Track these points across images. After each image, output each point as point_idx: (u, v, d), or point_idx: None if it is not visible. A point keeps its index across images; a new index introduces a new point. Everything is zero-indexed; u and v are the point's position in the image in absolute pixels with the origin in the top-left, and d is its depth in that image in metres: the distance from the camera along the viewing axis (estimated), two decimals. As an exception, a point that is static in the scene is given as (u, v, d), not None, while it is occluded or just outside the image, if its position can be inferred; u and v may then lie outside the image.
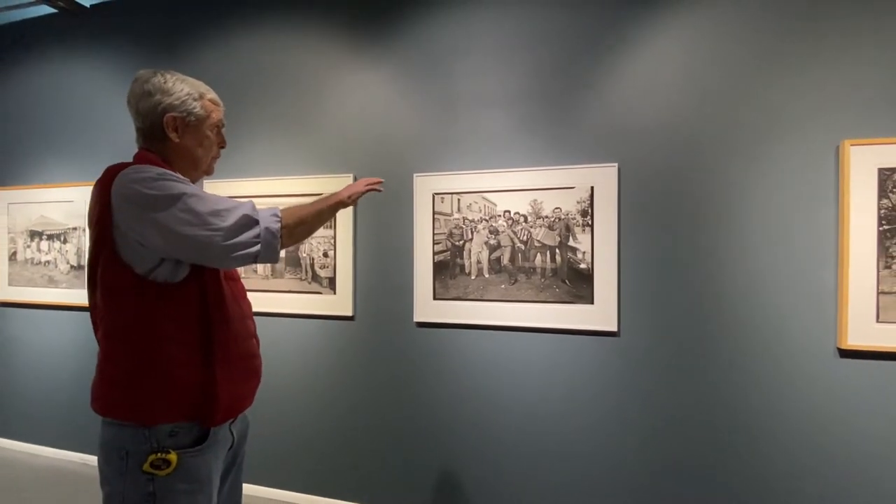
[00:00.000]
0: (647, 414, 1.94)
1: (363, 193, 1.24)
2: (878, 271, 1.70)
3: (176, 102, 1.09)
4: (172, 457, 0.99)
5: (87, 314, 2.82)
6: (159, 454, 0.98)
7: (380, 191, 1.28)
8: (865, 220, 1.71)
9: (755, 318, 1.82)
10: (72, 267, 2.85)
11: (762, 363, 1.82)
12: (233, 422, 1.17)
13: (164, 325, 1.02)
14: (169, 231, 0.97)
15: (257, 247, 1.03)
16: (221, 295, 1.09)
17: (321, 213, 1.15)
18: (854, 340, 1.72)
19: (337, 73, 2.38)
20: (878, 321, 1.70)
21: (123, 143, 2.76)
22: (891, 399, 1.70)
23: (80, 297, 2.82)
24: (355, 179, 2.32)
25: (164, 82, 1.09)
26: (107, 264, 1.01)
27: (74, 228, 2.83)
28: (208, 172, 1.21)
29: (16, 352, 3.03)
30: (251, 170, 2.51)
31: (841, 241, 1.73)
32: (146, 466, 0.98)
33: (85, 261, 2.81)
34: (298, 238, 1.15)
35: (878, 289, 1.70)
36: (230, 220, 1.00)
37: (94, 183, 1.06)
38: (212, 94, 1.16)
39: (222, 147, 1.21)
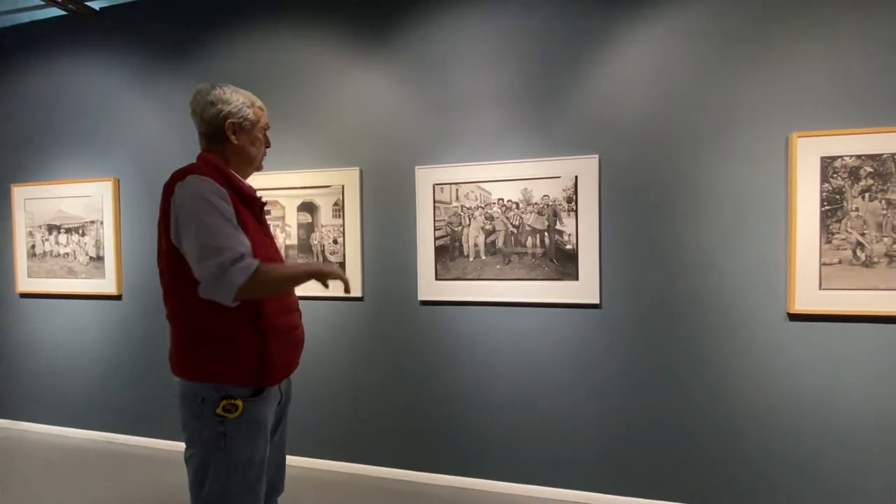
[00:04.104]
0: (624, 373, 2.21)
1: (335, 279, 1.32)
2: (821, 246, 1.98)
3: (234, 110, 1.30)
4: (239, 402, 1.21)
5: (107, 301, 3.00)
6: (229, 400, 1.20)
7: (348, 291, 1.36)
8: (810, 201, 1.98)
9: (718, 288, 2.10)
10: (91, 258, 3.01)
11: (724, 327, 2.09)
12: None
13: (220, 304, 1.20)
14: (185, 241, 1.17)
15: (211, 291, 1.17)
16: None
17: (297, 277, 1.24)
18: (801, 305, 2.00)
19: (343, 74, 2.57)
20: (820, 288, 1.98)
21: (135, 139, 2.92)
22: (832, 353, 1.99)
23: (99, 286, 2.99)
24: (361, 173, 2.53)
25: (223, 93, 1.29)
26: (170, 252, 1.21)
27: (93, 222, 2.99)
28: (258, 169, 1.42)
29: (38, 340, 3.20)
30: (266, 164, 2.69)
31: (790, 221, 2.00)
32: (218, 410, 1.20)
33: (104, 252, 2.98)
34: (263, 293, 1.21)
35: (820, 261, 1.98)
36: (212, 262, 1.13)
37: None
38: (259, 102, 1.37)
39: (268, 147, 1.41)
